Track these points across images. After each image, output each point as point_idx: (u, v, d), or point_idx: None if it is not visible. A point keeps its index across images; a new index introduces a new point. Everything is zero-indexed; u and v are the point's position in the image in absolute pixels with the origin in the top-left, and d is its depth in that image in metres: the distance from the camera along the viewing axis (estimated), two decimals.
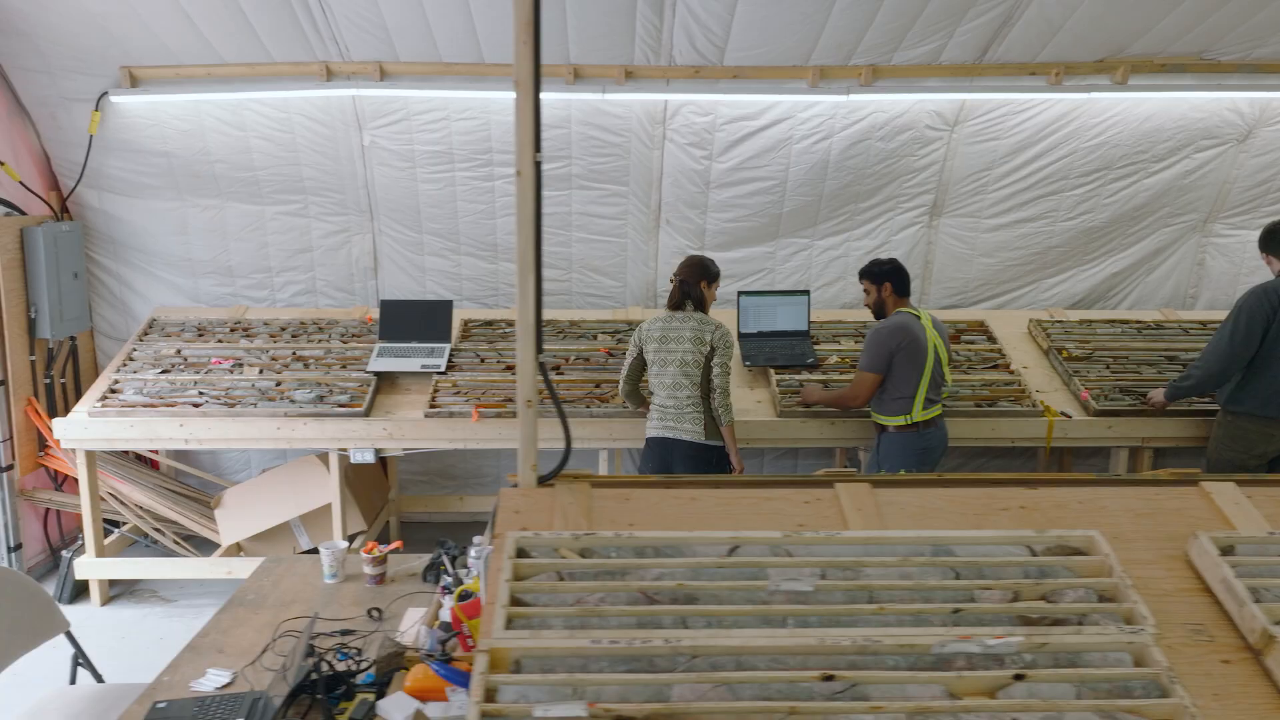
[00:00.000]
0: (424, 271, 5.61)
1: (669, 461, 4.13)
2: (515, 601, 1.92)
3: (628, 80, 4.91)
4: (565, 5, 4.35)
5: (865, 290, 4.41)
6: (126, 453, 5.35)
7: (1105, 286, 5.72)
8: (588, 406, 4.60)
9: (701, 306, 4.22)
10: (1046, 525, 2.23)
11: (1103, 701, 1.71)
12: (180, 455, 5.62)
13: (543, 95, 4.98)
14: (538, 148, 2.22)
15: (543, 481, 2.35)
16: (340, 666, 2.52)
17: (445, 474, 5.91)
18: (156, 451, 5.48)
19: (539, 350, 2.30)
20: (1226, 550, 2.08)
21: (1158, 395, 4.59)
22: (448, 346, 4.97)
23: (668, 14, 4.48)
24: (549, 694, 1.71)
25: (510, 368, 4.88)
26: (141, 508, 5.03)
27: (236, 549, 4.91)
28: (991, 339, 5.22)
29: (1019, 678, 1.76)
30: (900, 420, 4.25)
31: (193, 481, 5.62)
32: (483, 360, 4.94)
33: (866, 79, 4.88)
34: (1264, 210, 5.49)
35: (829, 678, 1.74)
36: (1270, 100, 5.10)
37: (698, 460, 4.10)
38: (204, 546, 5.14)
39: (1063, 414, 4.68)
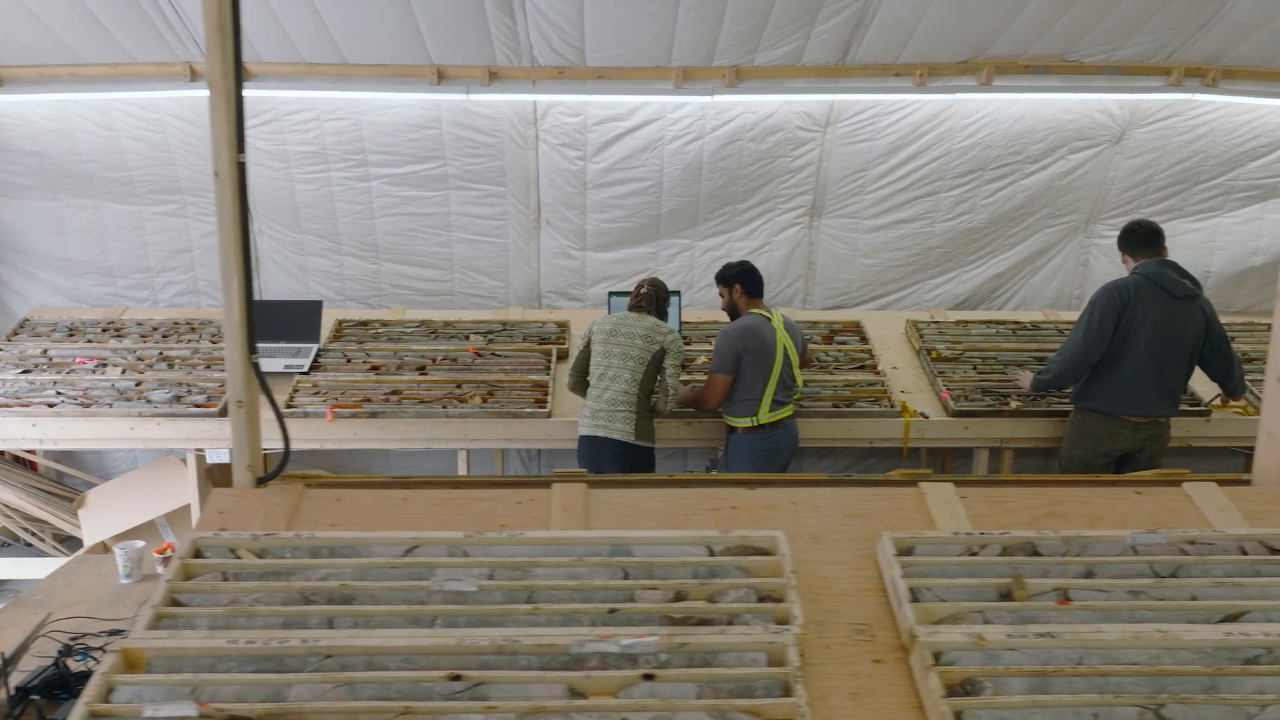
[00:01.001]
0: (306, 272, 5.61)
1: (599, 460, 4.16)
2: (173, 601, 1.93)
3: (493, 81, 4.91)
4: (412, 5, 4.34)
5: (720, 294, 4.46)
6: (3, 453, 5.34)
7: (989, 287, 5.74)
8: (444, 408, 4.59)
9: (662, 316, 4.36)
10: (753, 525, 2.24)
11: (721, 701, 1.72)
12: (63, 456, 5.61)
13: (408, 95, 4.99)
14: (240, 148, 2.22)
15: (262, 482, 2.36)
16: (80, 667, 2.51)
17: (333, 474, 5.89)
18: (34, 452, 5.47)
19: (252, 351, 2.30)
20: (906, 550, 2.09)
21: (1026, 377, 4.60)
22: (315, 347, 4.97)
23: (519, 14, 4.48)
24: (166, 694, 1.71)
25: (375, 368, 4.88)
26: (10, 507, 5.03)
27: (103, 548, 4.91)
28: (864, 340, 5.23)
29: (648, 677, 1.76)
30: (747, 422, 4.27)
31: (77, 484, 5.61)
32: (349, 360, 4.94)
33: (731, 80, 4.89)
34: (1143, 210, 5.51)
35: (456, 677, 1.75)
36: (1139, 102, 5.11)
37: (626, 461, 4.13)
38: (80, 547, 5.13)
39: (921, 414, 4.69)
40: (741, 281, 4.38)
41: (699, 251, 5.59)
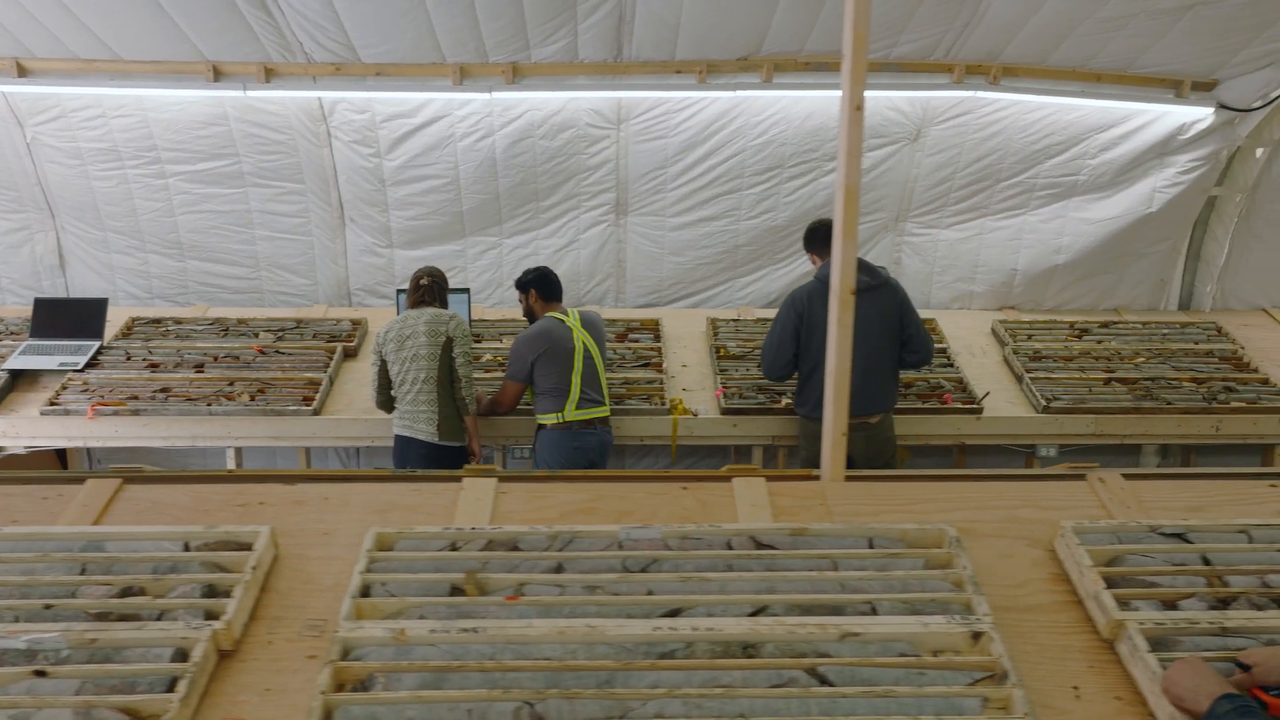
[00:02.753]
0: (113, 270, 5.59)
1: (408, 459, 4.23)
2: None
3: (272, 78, 4.89)
4: (160, 3, 4.32)
5: (519, 299, 4.57)
6: None
7: None
8: (208, 405, 4.57)
9: (444, 305, 4.42)
10: (274, 520, 2.23)
11: (96, 697, 1.71)
12: None
13: (188, 92, 4.95)
14: None
15: None
16: None
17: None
18: None
19: None
20: (387, 545, 2.08)
21: None
22: (96, 344, 4.94)
23: (275, 11, 4.46)
24: None
25: (153, 366, 4.86)
26: None
27: None
28: (657, 337, 5.22)
29: (40, 674, 1.75)
30: (553, 419, 4.29)
31: None
32: (129, 358, 4.91)
33: (510, 77, 4.88)
34: (950, 209, 5.50)
35: None
36: (929, 100, 5.11)
37: (432, 461, 4.18)
38: None
39: (693, 413, 4.68)
40: (537, 287, 4.47)
41: (506, 249, 5.57)
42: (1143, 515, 2.27)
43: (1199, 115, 4.99)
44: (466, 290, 5.14)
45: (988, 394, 4.72)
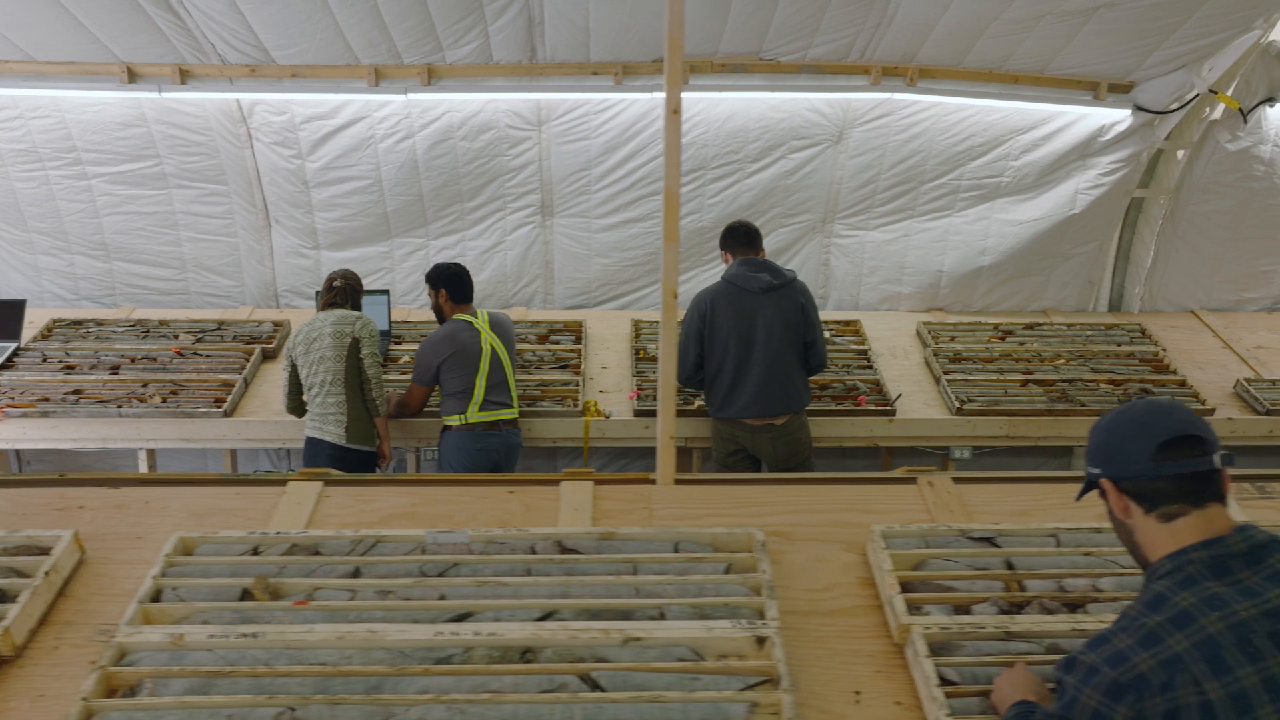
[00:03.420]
0: (38, 271, 5.58)
1: (317, 461, 4.18)
2: None
3: (188, 79, 4.89)
4: (62, 3, 4.31)
5: (429, 294, 4.50)
6: None
7: None
8: (119, 407, 4.56)
9: (357, 307, 4.42)
10: (89, 524, 2.23)
11: None
12: None
13: (103, 94, 4.94)
14: None
15: None
16: None
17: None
18: None
19: None
20: (188, 550, 2.08)
21: None
22: (12, 346, 4.93)
23: (182, 13, 4.46)
24: None
25: (69, 367, 4.85)
26: None
27: None
28: (578, 339, 5.21)
29: None
30: (456, 420, 4.28)
31: None
32: (45, 360, 4.90)
33: (425, 78, 4.88)
34: (876, 210, 5.50)
35: None
36: (849, 101, 5.10)
37: (339, 463, 4.15)
38: None
39: (606, 415, 4.68)
40: (447, 286, 4.42)
41: (433, 250, 5.56)
42: (964, 519, 2.27)
43: (1117, 117, 5.00)
44: (386, 293, 5.14)
45: (899, 396, 4.72)
